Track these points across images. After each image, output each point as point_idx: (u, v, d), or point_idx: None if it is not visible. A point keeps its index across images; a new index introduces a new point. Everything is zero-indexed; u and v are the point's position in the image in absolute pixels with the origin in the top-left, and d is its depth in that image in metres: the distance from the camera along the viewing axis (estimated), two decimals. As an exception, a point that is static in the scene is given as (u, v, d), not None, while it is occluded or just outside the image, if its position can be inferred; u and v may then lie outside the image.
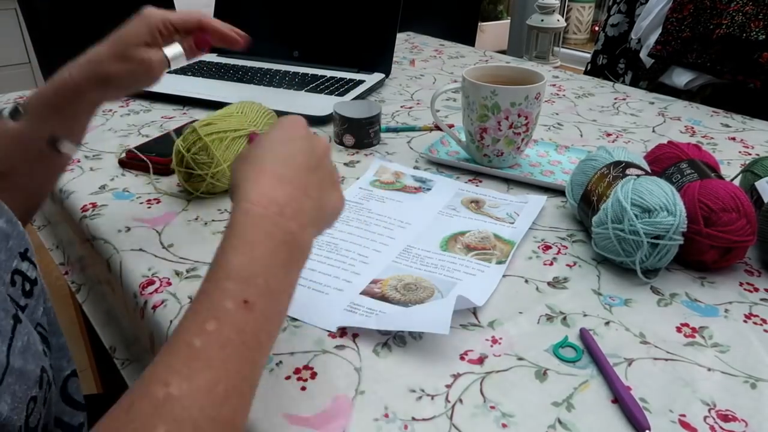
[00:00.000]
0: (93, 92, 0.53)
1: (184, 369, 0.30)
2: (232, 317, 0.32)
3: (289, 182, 0.38)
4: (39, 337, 0.41)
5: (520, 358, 0.44)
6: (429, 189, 0.70)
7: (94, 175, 0.73)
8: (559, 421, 0.39)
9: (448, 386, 0.42)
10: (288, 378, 0.43)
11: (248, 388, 0.33)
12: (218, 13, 1.20)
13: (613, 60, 1.50)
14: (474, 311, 0.49)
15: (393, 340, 0.46)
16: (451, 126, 0.85)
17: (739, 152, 0.82)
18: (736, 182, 0.64)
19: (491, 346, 0.46)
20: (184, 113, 0.94)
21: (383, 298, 0.51)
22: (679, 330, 0.48)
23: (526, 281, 0.54)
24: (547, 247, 0.59)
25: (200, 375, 0.30)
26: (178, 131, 0.68)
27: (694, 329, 0.48)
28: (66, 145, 0.54)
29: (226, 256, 0.35)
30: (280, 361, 0.44)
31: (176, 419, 0.28)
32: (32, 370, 0.37)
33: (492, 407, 0.40)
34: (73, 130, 0.55)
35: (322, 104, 0.93)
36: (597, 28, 4.10)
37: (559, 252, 0.58)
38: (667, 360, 0.44)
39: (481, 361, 0.44)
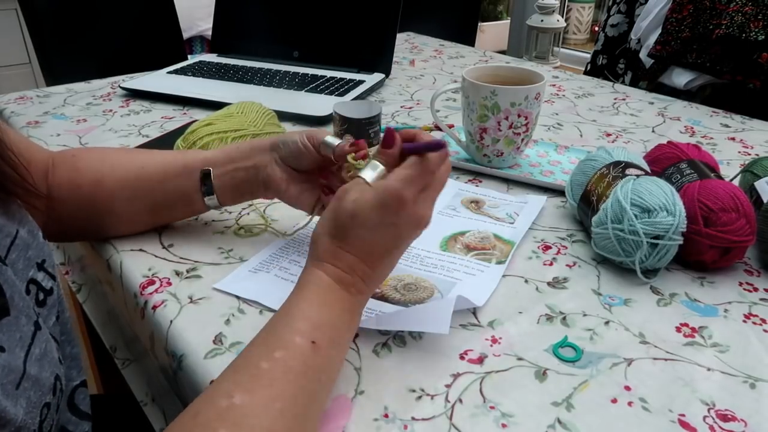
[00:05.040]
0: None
1: (247, 385, 0.34)
2: (300, 351, 0.37)
3: (367, 263, 0.42)
4: (56, 345, 0.42)
5: (520, 358, 0.44)
6: (429, 189, 0.70)
7: (95, 175, 0.73)
8: (559, 421, 0.39)
9: (448, 386, 0.42)
10: (288, 378, 0.43)
11: (304, 415, 0.35)
12: (218, 13, 1.20)
13: (612, 60, 1.50)
14: (474, 311, 0.49)
15: (393, 340, 0.46)
16: (451, 126, 0.85)
17: (739, 152, 0.82)
18: (736, 182, 0.64)
19: (491, 345, 0.46)
20: (184, 113, 0.94)
21: (383, 298, 0.51)
22: (678, 330, 0.48)
23: (526, 281, 0.54)
24: (547, 247, 0.59)
25: (261, 391, 0.34)
26: (179, 131, 0.68)
27: (693, 329, 0.48)
28: (210, 199, 0.55)
29: (300, 304, 0.39)
30: (280, 361, 0.44)
31: (236, 424, 0.32)
32: (47, 377, 0.38)
33: (492, 407, 0.40)
34: (227, 193, 0.55)
35: (322, 104, 0.93)
36: (597, 29, 4.09)
37: (558, 252, 0.58)
38: (666, 360, 0.45)
39: (480, 360, 0.44)
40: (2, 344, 0.35)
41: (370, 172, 0.43)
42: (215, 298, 0.50)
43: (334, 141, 0.51)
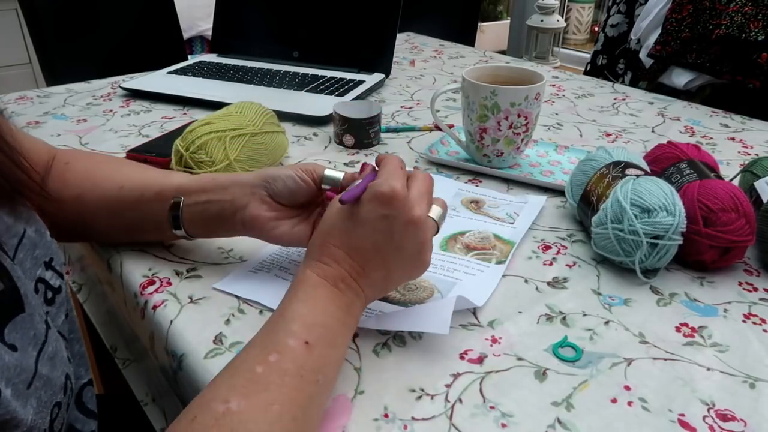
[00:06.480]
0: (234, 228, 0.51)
1: (243, 389, 0.34)
2: (293, 353, 0.37)
3: (354, 257, 0.42)
4: (64, 343, 0.42)
5: (520, 358, 0.45)
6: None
7: (95, 175, 0.73)
8: (559, 421, 0.39)
9: (448, 386, 0.42)
10: (288, 378, 0.43)
11: (302, 417, 0.35)
12: (218, 13, 1.20)
13: (612, 60, 1.51)
14: (474, 311, 0.49)
15: (393, 340, 0.46)
16: (451, 126, 0.85)
17: (739, 152, 0.82)
18: (735, 182, 0.64)
19: (491, 345, 0.46)
20: (184, 113, 0.94)
21: (383, 298, 0.51)
22: (678, 330, 0.48)
23: (526, 281, 0.54)
24: (547, 247, 0.59)
25: (258, 395, 0.34)
26: (179, 131, 0.68)
27: (693, 329, 0.48)
28: (179, 232, 0.52)
29: (292, 305, 0.40)
30: (281, 361, 0.44)
31: (233, 430, 0.32)
32: (58, 376, 0.38)
33: (491, 407, 0.40)
34: (197, 226, 0.52)
35: (322, 104, 0.93)
36: (596, 29, 4.10)
37: (558, 252, 0.58)
38: (666, 360, 0.45)
39: (480, 360, 0.44)
40: (15, 343, 0.35)
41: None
42: (215, 298, 0.50)
43: (337, 174, 0.49)
